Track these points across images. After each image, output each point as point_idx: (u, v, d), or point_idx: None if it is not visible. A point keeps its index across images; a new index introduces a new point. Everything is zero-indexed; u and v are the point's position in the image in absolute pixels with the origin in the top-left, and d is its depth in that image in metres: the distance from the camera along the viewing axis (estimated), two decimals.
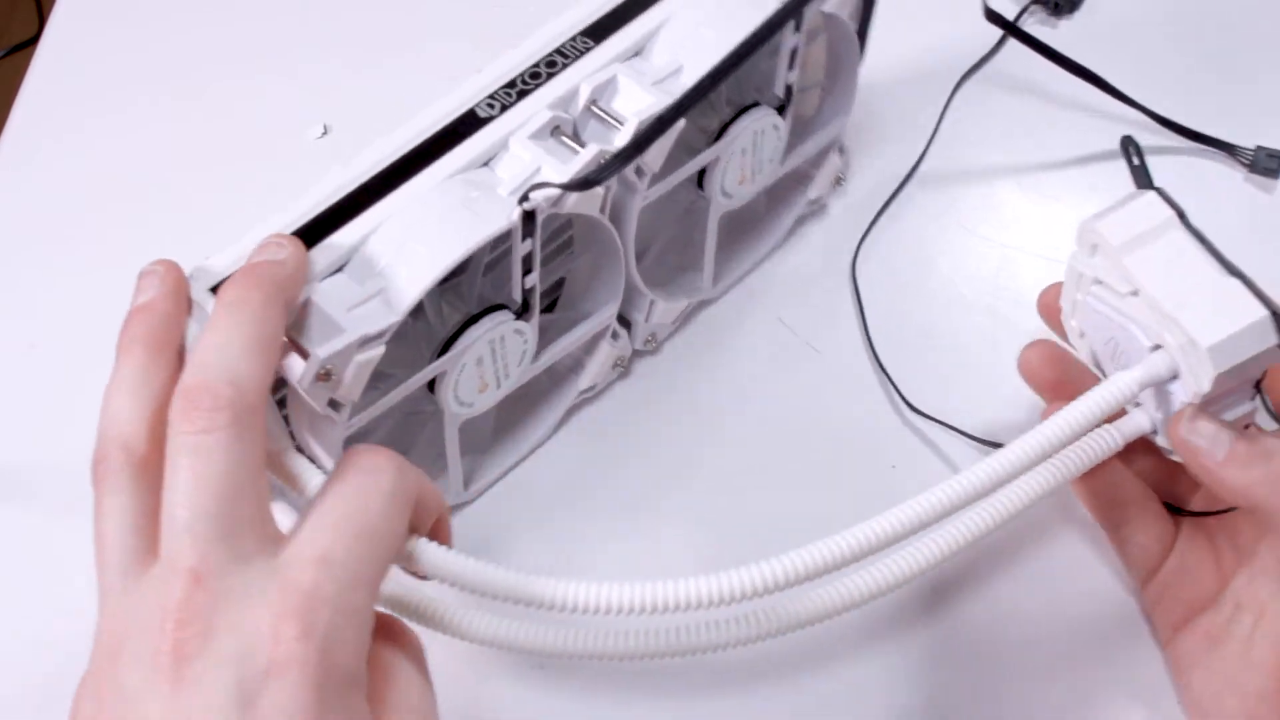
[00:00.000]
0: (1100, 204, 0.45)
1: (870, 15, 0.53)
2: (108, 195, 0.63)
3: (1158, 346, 0.43)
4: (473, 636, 0.42)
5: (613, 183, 0.47)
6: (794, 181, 0.59)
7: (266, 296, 0.38)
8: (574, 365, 0.54)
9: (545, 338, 0.52)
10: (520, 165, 0.45)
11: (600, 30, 0.48)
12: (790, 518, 0.50)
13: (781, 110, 0.52)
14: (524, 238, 0.44)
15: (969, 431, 0.53)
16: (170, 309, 0.39)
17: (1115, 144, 0.59)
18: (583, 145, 0.45)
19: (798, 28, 0.49)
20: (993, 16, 0.57)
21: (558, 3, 0.49)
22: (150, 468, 0.35)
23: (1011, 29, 0.58)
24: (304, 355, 0.41)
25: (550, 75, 0.47)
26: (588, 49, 0.48)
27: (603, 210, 0.47)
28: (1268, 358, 0.42)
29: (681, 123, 0.46)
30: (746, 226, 0.59)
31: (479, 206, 0.43)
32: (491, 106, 0.46)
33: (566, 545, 0.51)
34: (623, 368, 0.55)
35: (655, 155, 0.47)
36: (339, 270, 0.43)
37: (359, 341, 0.41)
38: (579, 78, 0.47)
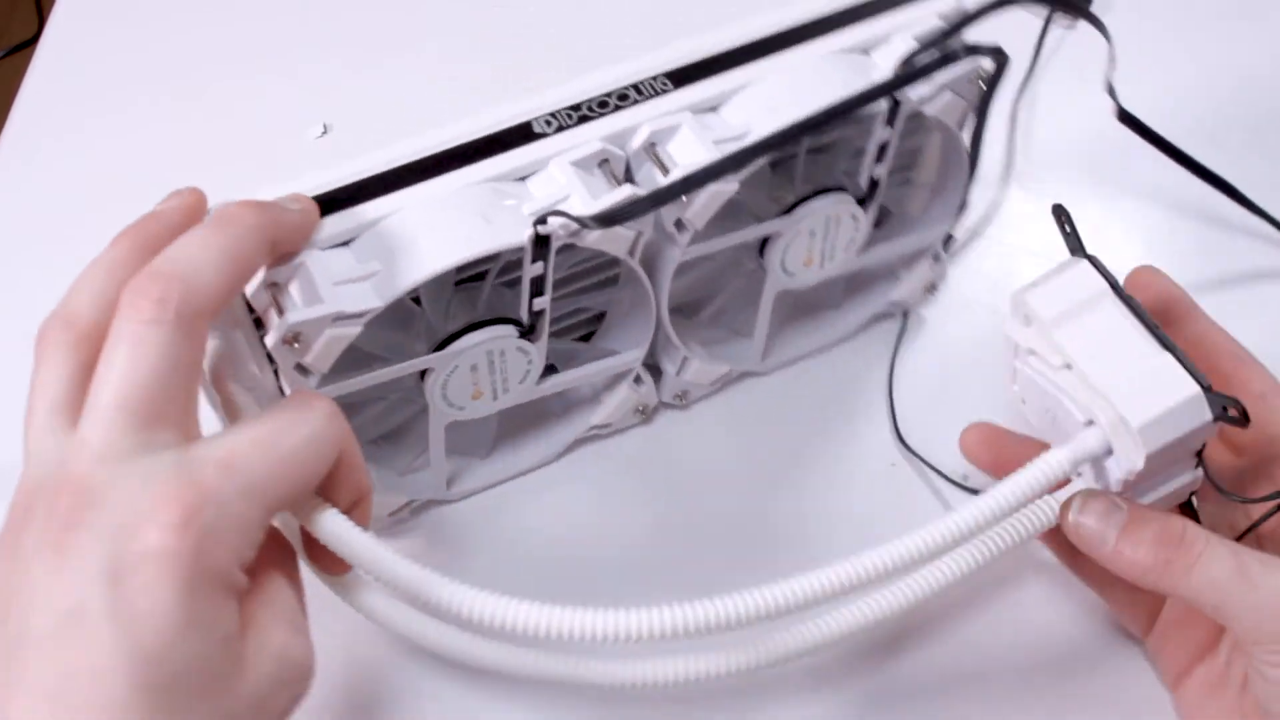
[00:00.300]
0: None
1: (982, 128, 0.50)
2: (108, 195, 0.60)
3: (1091, 422, 0.42)
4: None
5: (647, 229, 0.46)
6: (879, 277, 0.57)
7: (257, 224, 0.39)
8: (593, 398, 0.53)
9: (565, 364, 0.51)
10: (552, 187, 0.44)
11: (684, 76, 0.47)
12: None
13: (863, 202, 0.50)
14: (534, 260, 0.44)
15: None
16: (174, 220, 0.40)
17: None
18: (626, 183, 0.45)
19: (889, 122, 0.47)
20: (1126, 118, 0.52)
21: (557, 3, 0.47)
22: (90, 344, 0.36)
23: (1148, 134, 0.53)
24: (280, 314, 0.42)
25: (618, 108, 0.46)
26: (664, 91, 0.47)
27: (632, 253, 0.46)
28: (1203, 433, 0.41)
29: (729, 186, 0.45)
30: (816, 310, 0.57)
31: (496, 217, 0.43)
32: (549, 124, 0.46)
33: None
34: (645, 415, 0.54)
35: (698, 212, 0.46)
36: (345, 244, 0.43)
37: (332, 317, 0.41)
38: (644, 117, 0.46)
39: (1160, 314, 0.45)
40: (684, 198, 0.45)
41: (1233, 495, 0.44)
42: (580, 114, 0.46)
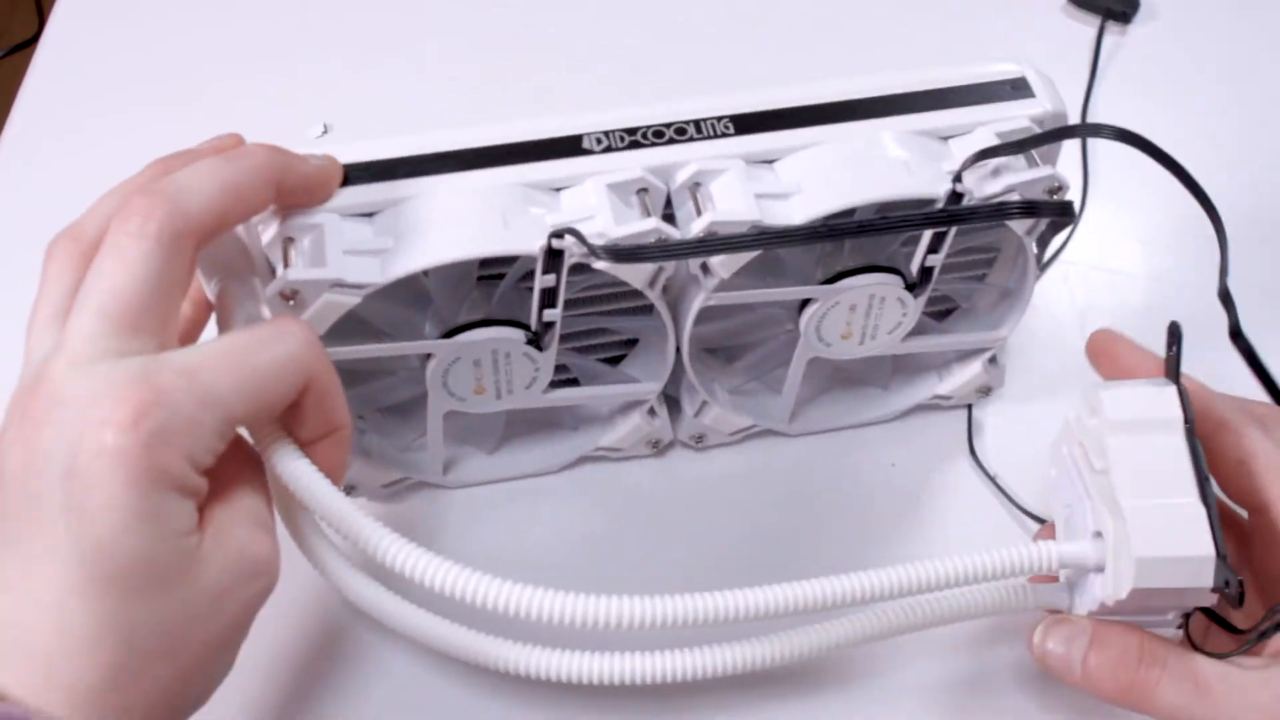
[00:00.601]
0: None
1: (1048, 241, 0.48)
2: None
3: (1098, 534, 0.41)
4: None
5: (669, 266, 0.45)
6: (930, 367, 0.55)
7: (264, 164, 0.40)
8: (607, 419, 0.53)
9: (589, 380, 0.51)
10: (580, 205, 0.44)
11: (750, 123, 0.46)
12: None
13: (913, 288, 0.48)
14: (546, 271, 0.43)
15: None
16: (201, 154, 0.42)
17: None
18: (662, 217, 0.44)
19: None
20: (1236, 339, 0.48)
21: (556, 3, 0.46)
22: (90, 258, 0.38)
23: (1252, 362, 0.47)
24: (285, 267, 0.43)
25: (672, 141, 0.46)
26: (725, 134, 0.46)
27: (652, 286, 0.46)
28: (1196, 596, 0.40)
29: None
30: (858, 385, 0.55)
31: (515, 222, 0.43)
32: (599, 143, 0.45)
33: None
34: (657, 449, 0.54)
35: (724, 262, 0.45)
36: (368, 216, 0.44)
37: (331, 283, 0.42)
38: (696, 156, 0.45)
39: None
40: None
41: (1211, 654, 0.41)
42: (633, 139, 0.46)
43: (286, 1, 0.73)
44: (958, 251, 0.50)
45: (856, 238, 0.43)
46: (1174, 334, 0.44)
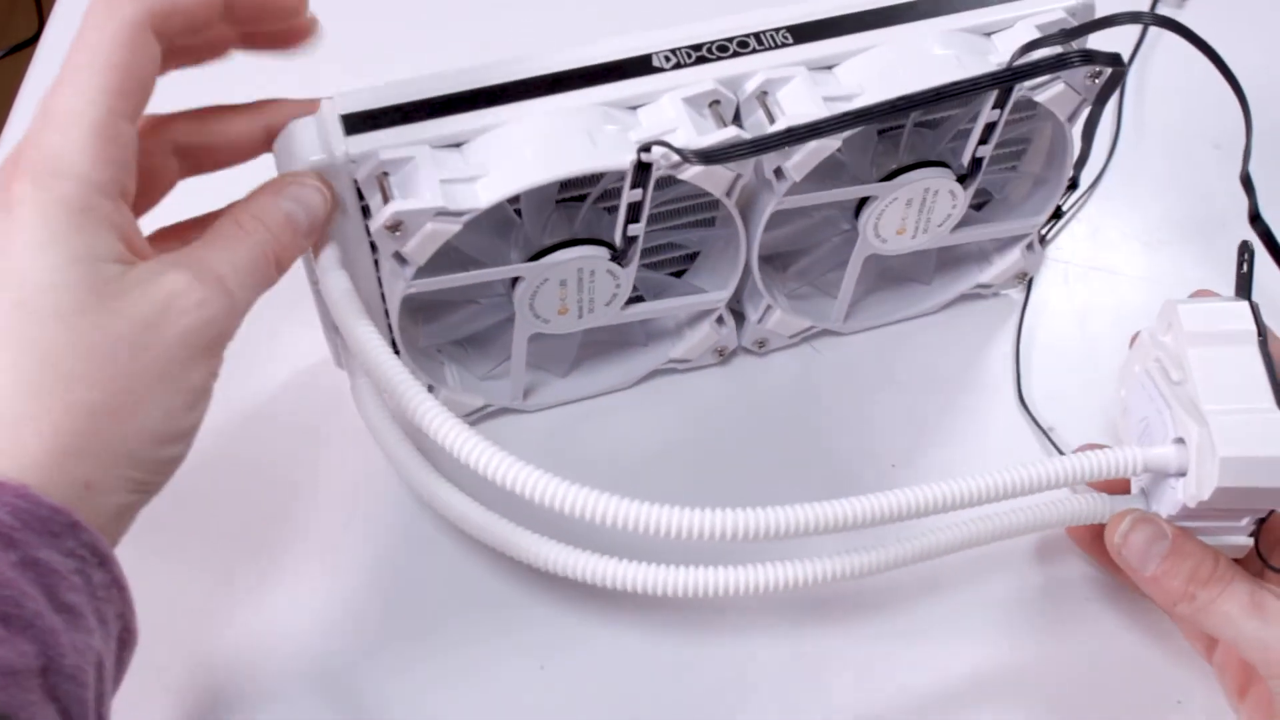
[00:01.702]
0: None
1: (1095, 125, 0.51)
2: None
3: (1180, 440, 0.43)
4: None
5: (746, 173, 0.47)
6: (971, 258, 0.58)
7: None
8: (675, 332, 0.55)
9: (655, 295, 0.53)
10: (660, 119, 0.46)
11: (806, 32, 0.48)
12: None
13: (963, 180, 0.51)
14: (634, 185, 0.45)
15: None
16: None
17: None
18: (733, 126, 0.46)
19: (998, 105, 0.48)
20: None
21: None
22: None
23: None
24: (385, 200, 0.44)
25: (736, 54, 0.48)
26: (784, 44, 0.48)
27: (729, 194, 0.48)
28: (1275, 497, 0.42)
29: (831, 143, 0.46)
30: (904, 279, 0.58)
31: (601, 140, 0.45)
32: (667, 60, 0.47)
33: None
34: (723, 357, 0.56)
35: (797, 164, 0.47)
36: (457, 146, 0.46)
37: (434, 211, 0.44)
38: (760, 66, 0.47)
39: None
40: (785, 148, 0.46)
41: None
42: (699, 54, 0.48)
43: None
44: (998, 144, 0.53)
45: (933, 104, 0.45)
46: (1244, 250, 0.46)
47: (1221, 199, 0.63)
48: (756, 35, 0.48)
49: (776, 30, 0.48)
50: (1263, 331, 0.44)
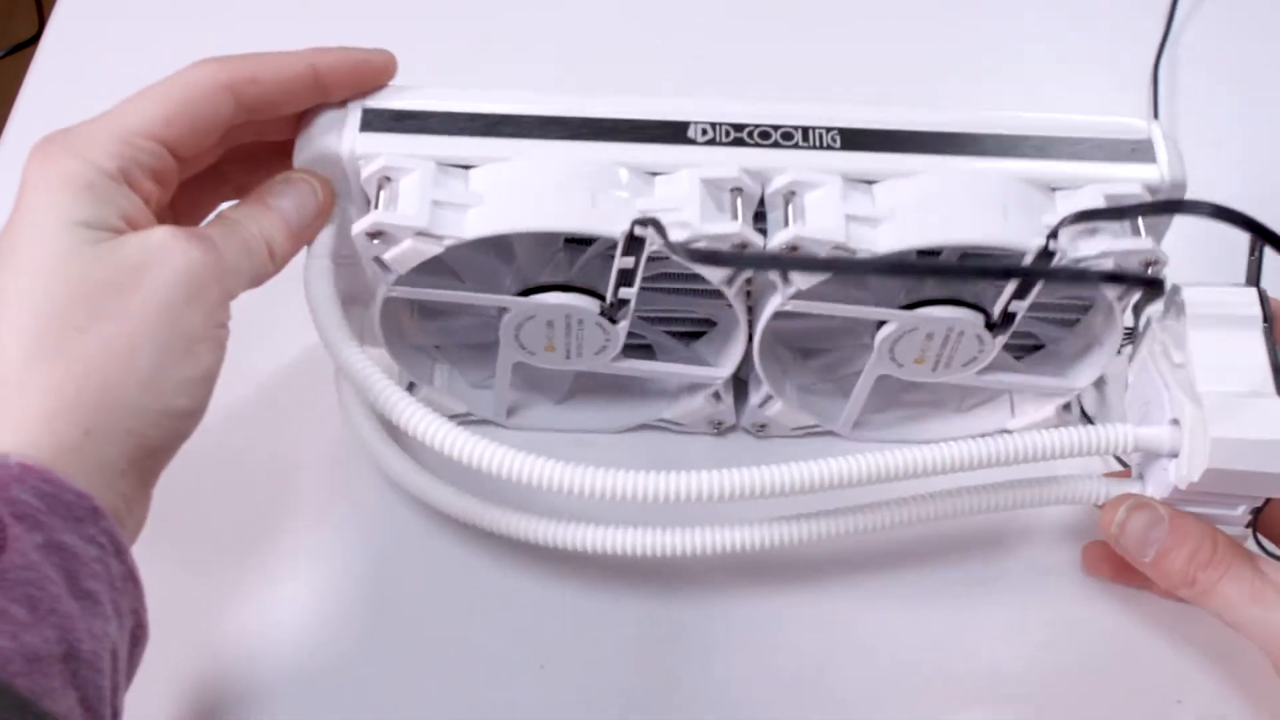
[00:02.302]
0: None
1: (1142, 309, 0.47)
2: None
3: (1175, 421, 0.43)
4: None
5: (748, 269, 0.46)
6: (1003, 398, 0.55)
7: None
8: (674, 392, 0.54)
9: (663, 354, 0.52)
10: (672, 194, 0.44)
11: (857, 140, 0.46)
12: None
13: (993, 328, 0.48)
14: (626, 254, 0.44)
15: None
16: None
17: None
18: (752, 218, 0.45)
19: (1023, 286, 0.44)
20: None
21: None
22: None
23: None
24: (375, 205, 0.44)
25: (778, 145, 0.45)
26: (830, 146, 0.46)
27: (730, 285, 0.46)
28: (1269, 483, 0.42)
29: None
30: (926, 403, 0.55)
31: (603, 202, 0.44)
32: (704, 134, 0.46)
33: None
34: (718, 430, 0.54)
35: (801, 275, 0.45)
36: (466, 168, 0.45)
37: (414, 230, 0.43)
38: (797, 164, 0.45)
39: None
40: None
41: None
42: (738, 136, 0.46)
43: (287, 3, 0.72)
44: (1050, 299, 0.50)
45: (930, 277, 0.43)
46: (1258, 235, 0.44)
47: (1222, 198, 0.58)
48: (804, 130, 0.46)
49: (827, 130, 0.46)
50: (1269, 318, 0.43)
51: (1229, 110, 0.69)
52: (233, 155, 0.47)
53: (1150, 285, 0.43)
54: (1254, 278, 0.45)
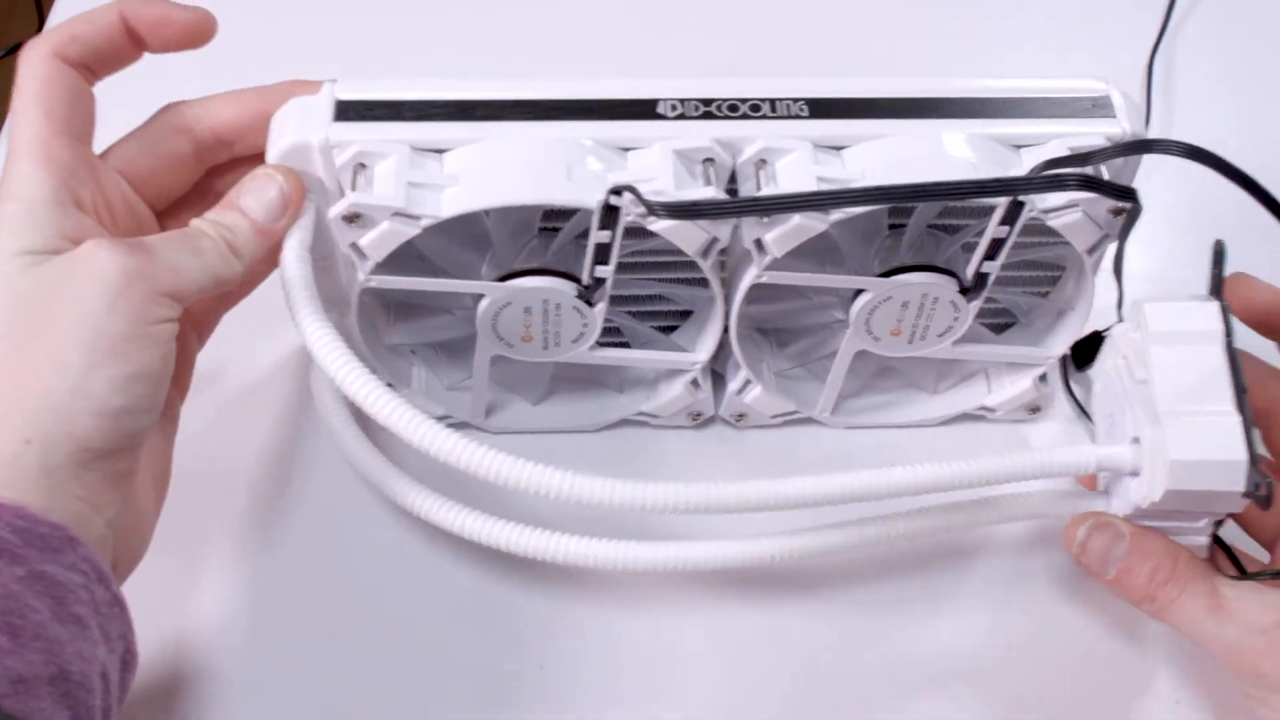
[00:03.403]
0: None
1: (1121, 259, 0.47)
2: None
3: (1136, 439, 0.43)
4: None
5: (723, 237, 0.46)
6: (980, 373, 0.55)
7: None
8: (652, 384, 0.54)
9: (640, 345, 0.52)
10: (645, 167, 0.45)
11: (824, 108, 0.46)
12: None
13: (967, 292, 0.48)
14: (602, 227, 0.44)
15: None
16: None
17: None
18: (730, 193, 0.45)
19: (1006, 220, 0.45)
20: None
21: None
22: None
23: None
24: (352, 189, 0.44)
25: (746, 117, 0.46)
26: (799, 116, 0.46)
27: (705, 256, 0.46)
28: (1227, 501, 0.42)
29: (814, 223, 0.44)
30: (905, 386, 0.55)
31: (578, 175, 0.44)
32: (673, 109, 0.46)
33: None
34: (697, 422, 0.54)
35: (777, 238, 0.45)
36: (440, 152, 0.45)
37: (391, 210, 0.43)
38: (766, 134, 0.46)
39: (1266, 326, 0.46)
40: (764, 219, 0.45)
41: (1244, 575, 0.44)
42: (707, 110, 0.46)
43: (287, 4, 0.72)
44: (1021, 264, 0.50)
45: (903, 203, 0.43)
46: (1219, 252, 0.45)
47: (1222, 197, 0.58)
48: (771, 101, 0.47)
49: (794, 100, 0.47)
50: (1230, 332, 0.43)
51: (1226, 108, 0.70)
52: (216, 171, 0.48)
53: (1124, 195, 0.43)
54: (1216, 289, 0.45)
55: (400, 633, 0.50)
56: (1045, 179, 0.43)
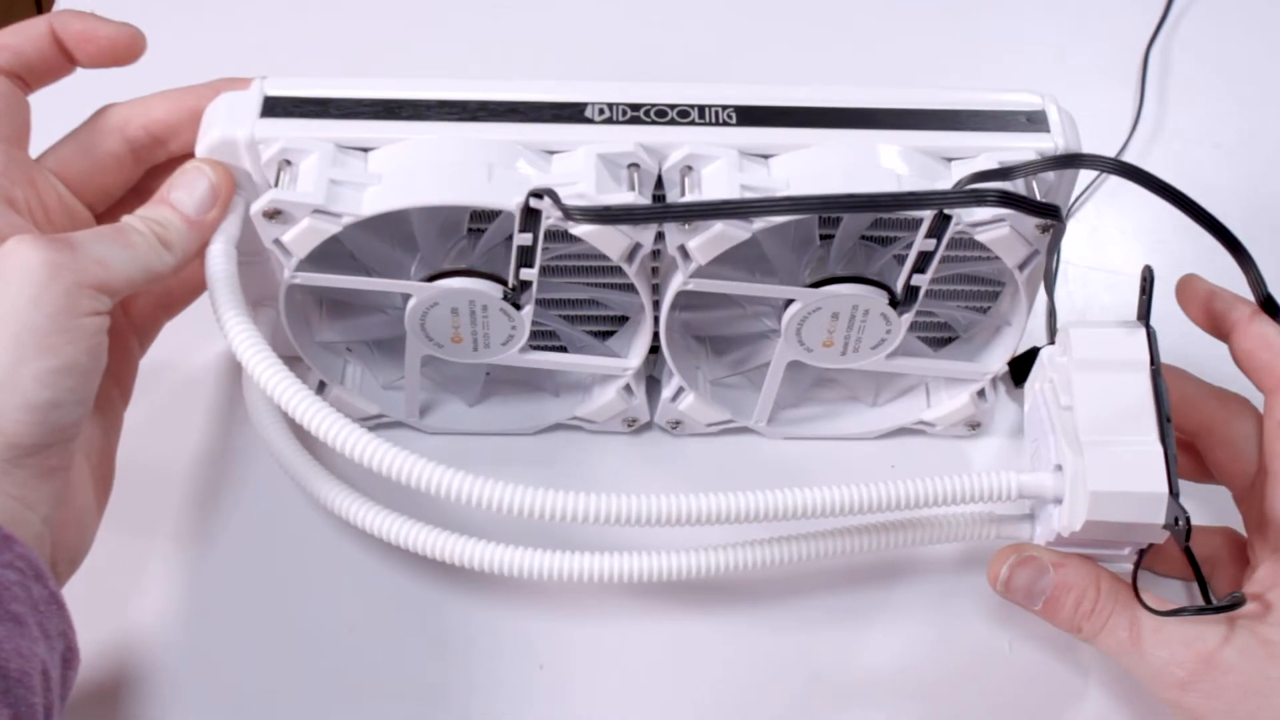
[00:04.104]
0: None
1: (1053, 274, 0.47)
2: None
3: (1059, 467, 0.43)
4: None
5: (646, 242, 0.45)
6: (919, 387, 0.54)
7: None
8: (586, 388, 0.53)
9: (575, 348, 0.52)
10: (569, 170, 0.45)
11: (753, 116, 0.46)
12: None
13: (897, 306, 0.48)
14: (523, 229, 0.44)
15: None
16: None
17: None
18: (656, 199, 0.45)
19: (933, 234, 0.45)
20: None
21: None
22: None
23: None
24: (274, 185, 0.44)
25: (674, 123, 0.46)
26: (727, 123, 0.46)
27: (629, 262, 0.46)
28: (1148, 532, 0.42)
29: (736, 232, 0.44)
30: (842, 395, 0.55)
31: (500, 176, 0.44)
32: (600, 113, 0.46)
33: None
34: (631, 428, 0.54)
35: (701, 245, 0.45)
36: (365, 150, 0.45)
37: (310, 207, 0.43)
38: (692, 140, 0.45)
39: (1213, 328, 0.46)
40: (687, 226, 0.44)
41: (1151, 610, 0.43)
42: (635, 115, 0.46)
43: (288, 4, 0.72)
44: (957, 278, 0.50)
45: (818, 213, 0.43)
46: (1146, 279, 0.45)
47: (1222, 197, 0.58)
48: (700, 108, 0.46)
49: (723, 107, 0.46)
50: (1156, 360, 0.43)
51: (1220, 104, 0.70)
52: (154, 172, 0.48)
53: (1045, 212, 0.43)
54: (1144, 314, 0.44)
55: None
56: (964, 194, 0.42)
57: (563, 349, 0.52)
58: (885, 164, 0.45)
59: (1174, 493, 0.41)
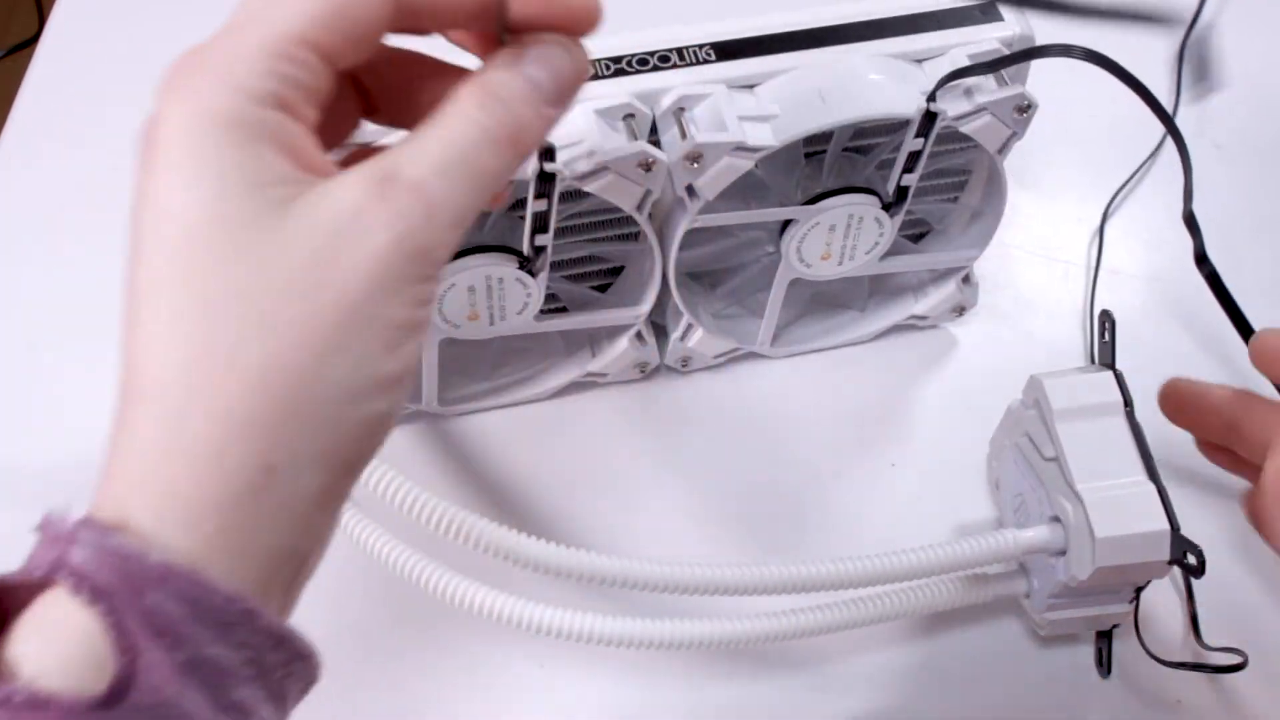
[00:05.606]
0: None
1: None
2: (108, 195, 0.51)
3: (1056, 519, 0.44)
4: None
5: (656, 188, 0.47)
6: (907, 288, 0.57)
7: None
8: (596, 344, 0.55)
9: (578, 309, 0.53)
10: (569, 131, 0.45)
11: (730, 50, 0.48)
12: None
13: (889, 208, 0.50)
14: (539, 195, 0.45)
15: None
16: None
17: None
18: (649, 141, 0.46)
19: (921, 133, 0.47)
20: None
21: None
22: None
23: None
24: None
25: (657, 69, 0.47)
26: (707, 61, 0.47)
27: (640, 209, 0.47)
28: (1153, 569, 0.43)
29: (742, 162, 0.46)
30: (837, 308, 0.57)
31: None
32: None
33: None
34: (645, 373, 0.55)
35: (709, 181, 0.46)
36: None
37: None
38: (680, 82, 0.47)
39: None
40: (694, 164, 0.46)
41: (1157, 659, 0.45)
42: (619, 67, 0.47)
43: None
44: (931, 173, 0.52)
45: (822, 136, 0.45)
46: (1106, 321, 0.47)
47: (1222, 198, 0.62)
48: (679, 51, 0.48)
49: (700, 46, 0.48)
50: (1128, 401, 0.45)
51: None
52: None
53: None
54: (1107, 359, 0.46)
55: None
56: (987, 65, 0.45)
57: (564, 309, 0.53)
58: (865, 76, 0.47)
59: (1175, 527, 0.42)
